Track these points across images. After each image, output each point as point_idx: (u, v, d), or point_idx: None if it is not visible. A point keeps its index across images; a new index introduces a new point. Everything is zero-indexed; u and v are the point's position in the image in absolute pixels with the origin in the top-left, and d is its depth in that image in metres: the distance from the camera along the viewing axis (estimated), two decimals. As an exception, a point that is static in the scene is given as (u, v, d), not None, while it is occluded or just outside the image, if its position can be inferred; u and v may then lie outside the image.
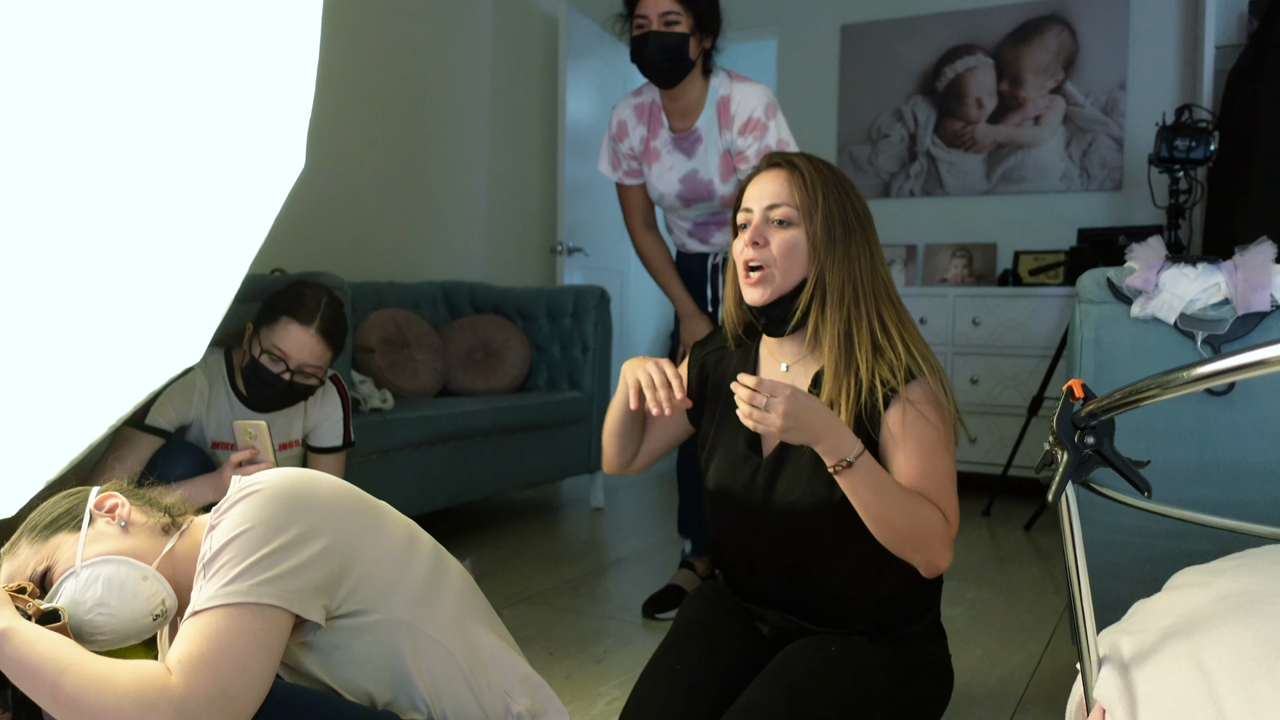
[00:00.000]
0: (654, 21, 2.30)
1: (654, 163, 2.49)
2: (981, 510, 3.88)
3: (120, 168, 1.64)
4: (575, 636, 2.33)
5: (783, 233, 1.50)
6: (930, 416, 1.45)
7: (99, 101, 1.65)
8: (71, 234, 1.62)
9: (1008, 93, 4.49)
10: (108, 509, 1.17)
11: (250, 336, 2.07)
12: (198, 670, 0.94)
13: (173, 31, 1.62)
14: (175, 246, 1.67)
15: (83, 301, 1.64)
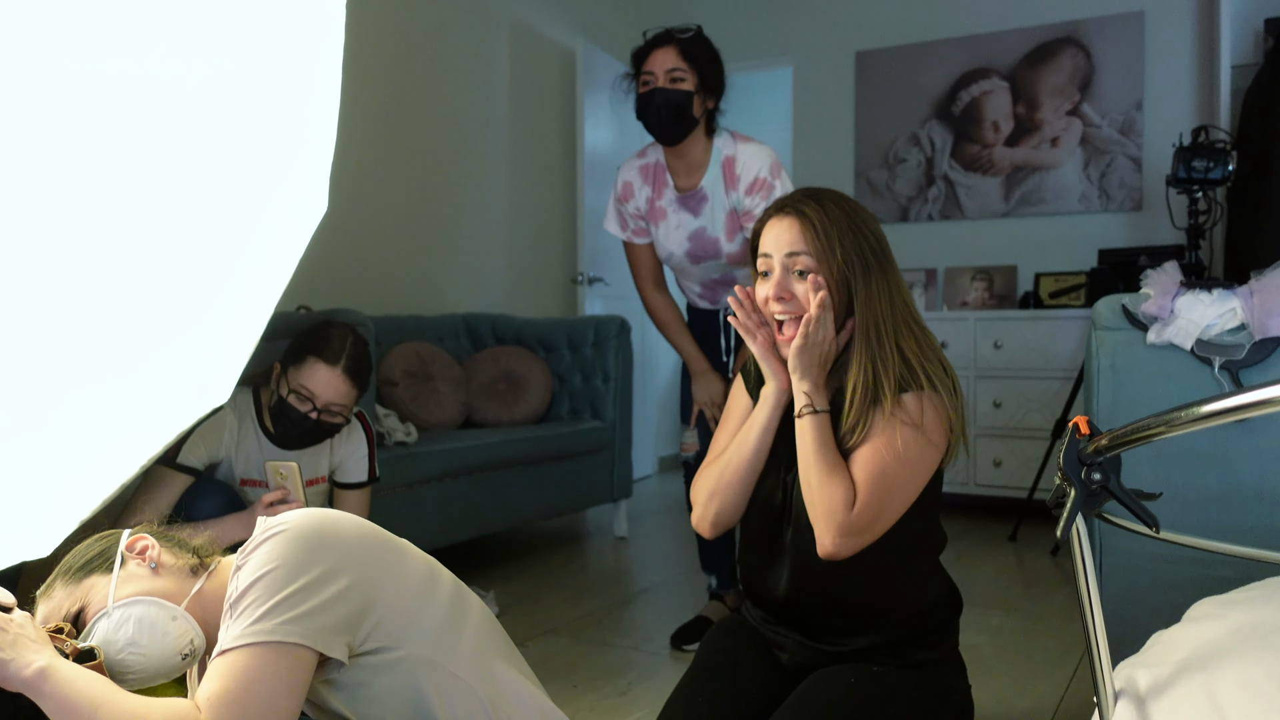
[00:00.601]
0: (660, 78, 2.34)
1: (661, 221, 2.50)
2: (1007, 535, 3.85)
3: (151, 213, 1.69)
4: (600, 669, 2.34)
5: (805, 282, 1.51)
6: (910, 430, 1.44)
7: (129, 148, 1.70)
8: (102, 278, 1.67)
9: (1024, 115, 4.50)
10: (138, 551, 1.20)
11: (278, 376, 2.12)
12: (226, 707, 0.97)
13: (200, 78, 1.67)
14: (204, 289, 1.71)
15: (113, 344, 1.68)
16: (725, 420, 1.72)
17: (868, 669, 1.52)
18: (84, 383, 1.66)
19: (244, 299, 1.75)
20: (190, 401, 1.75)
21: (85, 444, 1.66)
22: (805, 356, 1.50)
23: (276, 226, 1.75)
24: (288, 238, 1.74)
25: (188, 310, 1.73)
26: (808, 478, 1.47)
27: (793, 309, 1.52)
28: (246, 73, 1.73)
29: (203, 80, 1.71)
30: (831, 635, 1.59)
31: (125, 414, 1.70)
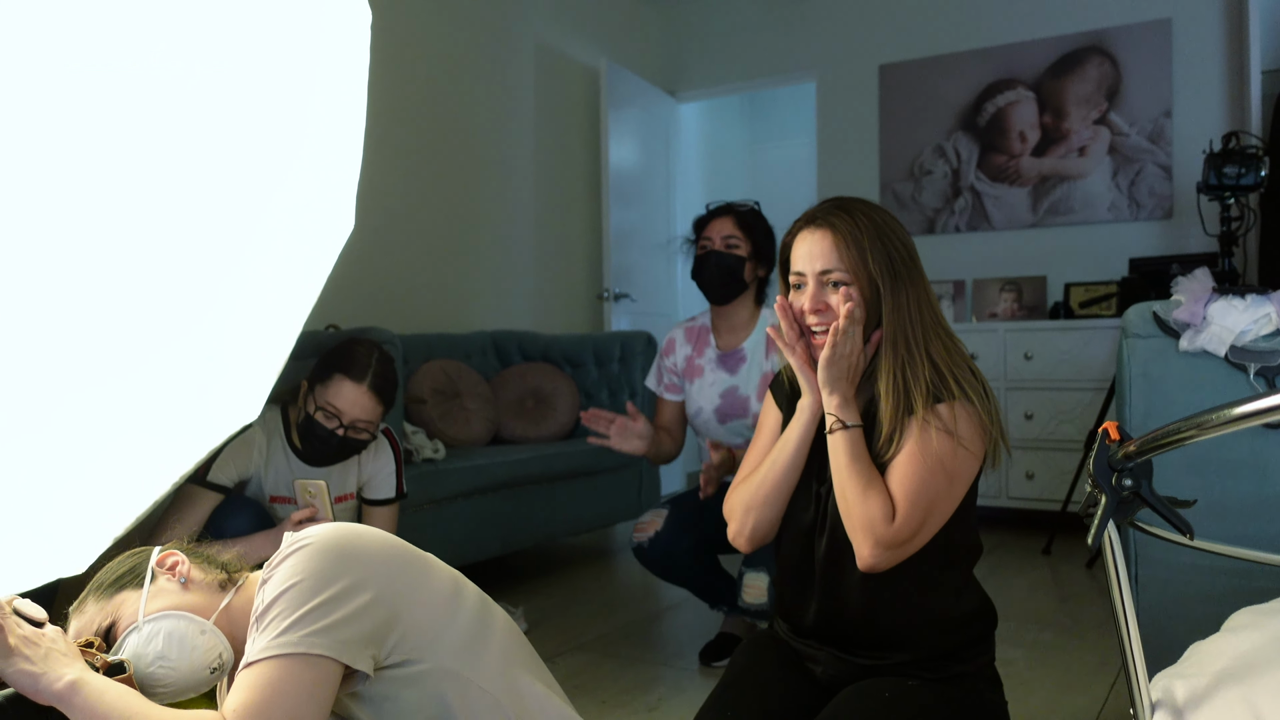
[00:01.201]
0: (716, 242, 2.48)
1: (696, 378, 2.58)
2: (1041, 549, 3.80)
3: (179, 233, 1.71)
4: (628, 684, 2.33)
5: (839, 294, 1.52)
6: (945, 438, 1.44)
7: (152, 168, 1.73)
8: (131, 299, 1.70)
9: (1051, 125, 4.47)
10: (168, 566, 1.21)
11: (305, 394, 2.13)
12: (252, 718, 0.97)
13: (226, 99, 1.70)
14: (233, 307, 1.73)
15: (142, 363, 1.70)
16: (758, 435, 1.72)
17: (902, 682, 1.50)
18: (114, 403, 1.68)
19: (272, 317, 1.76)
20: (220, 419, 1.77)
21: (117, 463, 1.68)
22: (834, 369, 1.49)
23: (304, 245, 1.77)
24: (315, 256, 1.76)
25: (216, 329, 1.75)
26: (843, 493, 1.45)
27: (828, 320, 1.52)
28: (272, 92, 1.75)
29: (228, 101, 1.73)
30: (865, 649, 1.57)
31: (156, 433, 1.72)
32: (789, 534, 1.62)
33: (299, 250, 1.85)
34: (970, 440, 1.46)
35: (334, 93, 1.87)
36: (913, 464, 1.44)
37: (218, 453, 2.07)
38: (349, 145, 1.88)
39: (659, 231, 5.26)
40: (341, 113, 1.88)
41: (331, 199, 1.90)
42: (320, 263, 1.87)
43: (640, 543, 2.44)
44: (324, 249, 1.88)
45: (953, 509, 1.47)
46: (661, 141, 5.33)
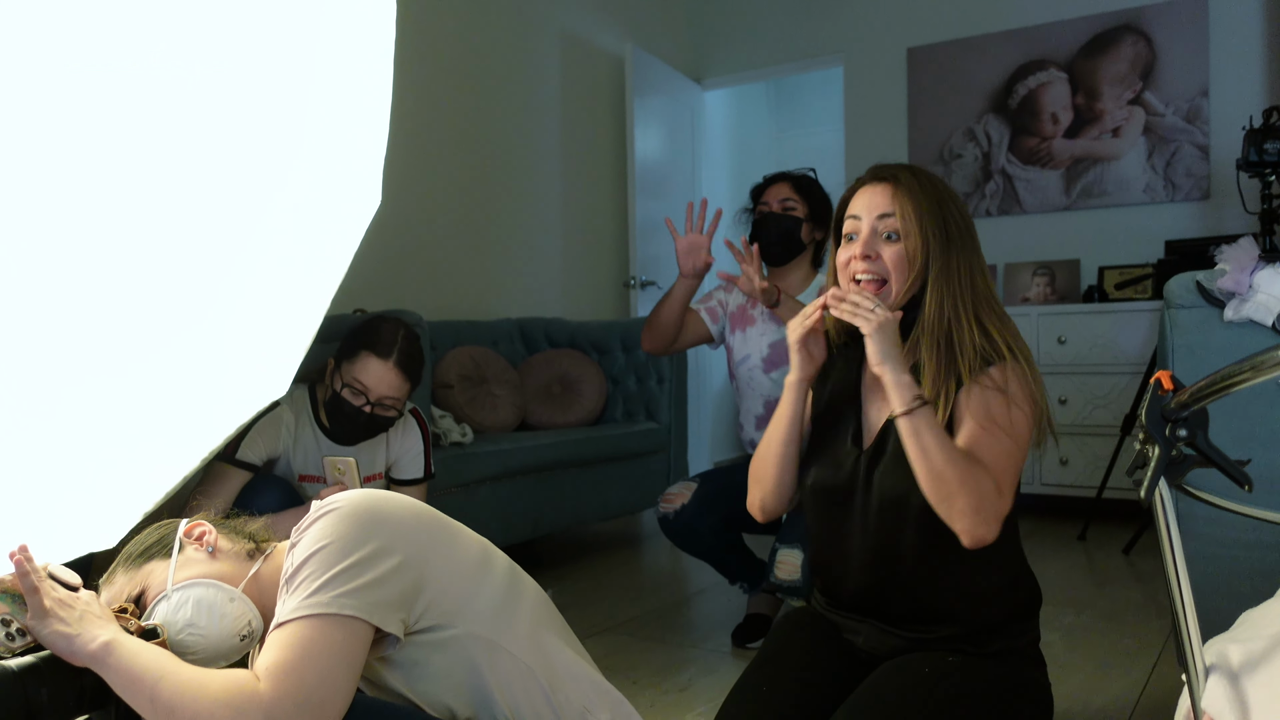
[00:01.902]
0: (774, 205, 2.53)
1: (748, 327, 2.59)
2: (1077, 535, 3.74)
3: (206, 208, 1.71)
4: (659, 665, 2.31)
5: (893, 246, 1.52)
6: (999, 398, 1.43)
7: (180, 143, 1.73)
8: (160, 275, 1.69)
9: (1084, 106, 4.39)
10: (196, 536, 1.21)
11: (332, 371, 2.13)
12: (284, 677, 0.96)
13: (251, 72, 1.69)
14: (261, 283, 1.73)
15: (170, 339, 1.70)
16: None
17: (943, 658, 1.47)
18: (145, 381, 1.68)
19: (300, 292, 1.76)
20: (249, 395, 1.76)
21: (148, 439, 1.68)
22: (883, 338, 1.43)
23: (332, 220, 1.76)
24: (342, 231, 1.76)
25: (246, 305, 1.74)
26: (942, 475, 1.38)
27: (877, 269, 1.52)
28: (299, 71, 1.74)
29: (257, 80, 1.73)
30: (908, 622, 1.54)
31: (186, 409, 1.72)
32: (815, 500, 1.60)
33: (326, 225, 1.84)
34: (1021, 400, 1.45)
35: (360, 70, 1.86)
36: (993, 434, 1.41)
37: (246, 430, 2.07)
38: (375, 122, 1.87)
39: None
40: (367, 90, 1.87)
41: (358, 175, 1.89)
42: (348, 238, 1.86)
43: (666, 514, 2.43)
44: (351, 224, 1.88)
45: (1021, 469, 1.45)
46: (687, 130, 5.29)
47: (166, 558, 1.18)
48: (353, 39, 1.79)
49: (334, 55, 1.79)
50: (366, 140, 1.82)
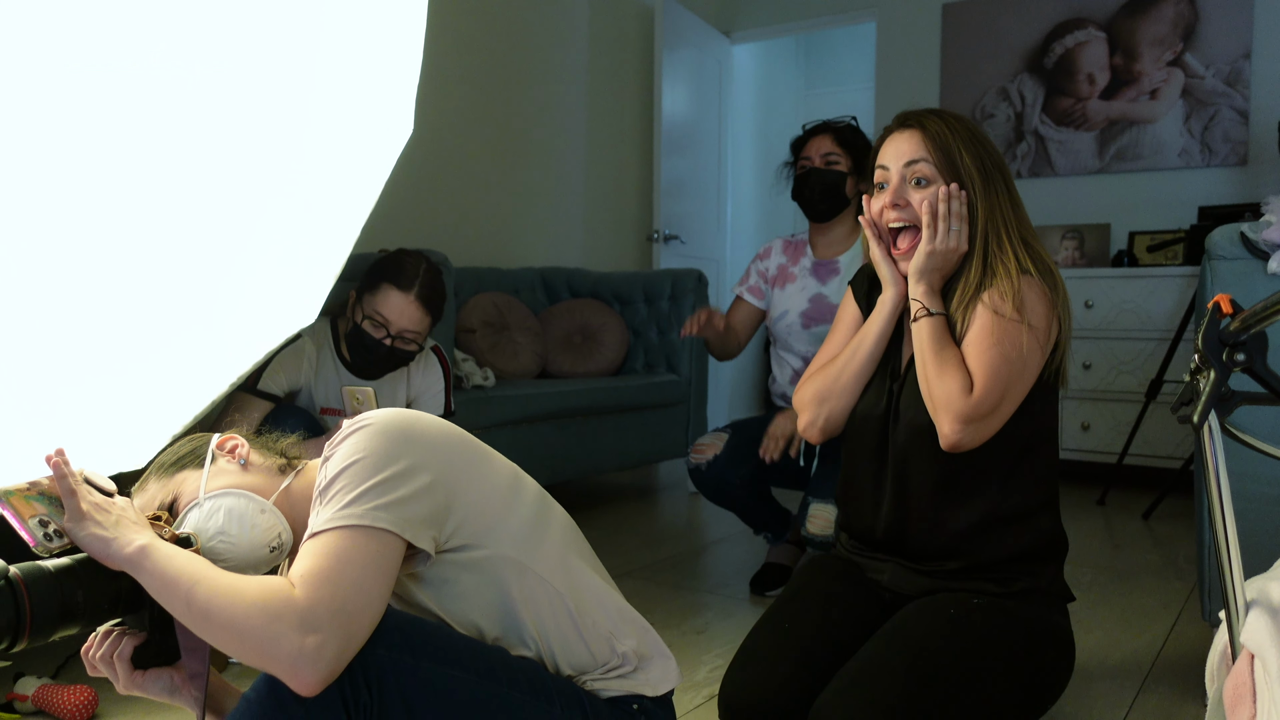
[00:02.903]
0: (816, 160, 2.45)
1: (787, 284, 2.55)
2: (1096, 500, 3.72)
3: (239, 131, 1.70)
4: (677, 609, 2.31)
5: (922, 192, 1.51)
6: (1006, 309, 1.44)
7: (215, 67, 1.71)
8: (189, 201, 1.69)
9: (1121, 67, 4.31)
10: (229, 449, 1.21)
11: (353, 304, 2.12)
12: (319, 584, 0.96)
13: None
14: (291, 209, 1.72)
15: (200, 266, 1.70)
16: (834, 329, 1.72)
17: (968, 601, 1.47)
18: (173, 306, 1.68)
19: (331, 219, 1.75)
20: (277, 323, 1.76)
21: (176, 363, 1.68)
22: (931, 261, 1.50)
23: (363, 147, 1.74)
24: (374, 158, 1.74)
25: (274, 229, 1.73)
26: (924, 374, 1.46)
27: (908, 217, 1.52)
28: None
29: (296, 5, 1.71)
30: (931, 559, 1.53)
31: (214, 334, 1.72)
32: (859, 430, 1.60)
33: (359, 151, 1.83)
34: (1035, 315, 1.44)
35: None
36: (984, 339, 1.44)
37: (268, 362, 2.07)
38: (409, 49, 1.84)
39: (710, 175, 5.18)
40: (402, 16, 1.84)
41: (392, 102, 1.87)
42: (380, 165, 1.84)
43: (698, 464, 2.41)
44: (383, 150, 1.86)
45: (1028, 386, 1.46)
46: (714, 84, 5.22)
47: (199, 468, 1.18)
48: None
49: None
50: (400, 67, 1.79)
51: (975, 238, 1.50)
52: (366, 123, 1.75)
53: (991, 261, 1.49)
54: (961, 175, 1.50)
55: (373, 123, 1.75)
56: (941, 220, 1.48)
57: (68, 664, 1.85)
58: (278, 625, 0.92)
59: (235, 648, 0.95)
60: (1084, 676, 1.87)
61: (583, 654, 1.17)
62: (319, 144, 1.71)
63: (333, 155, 1.72)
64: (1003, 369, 1.42)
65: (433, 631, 1.06)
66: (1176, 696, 1.79)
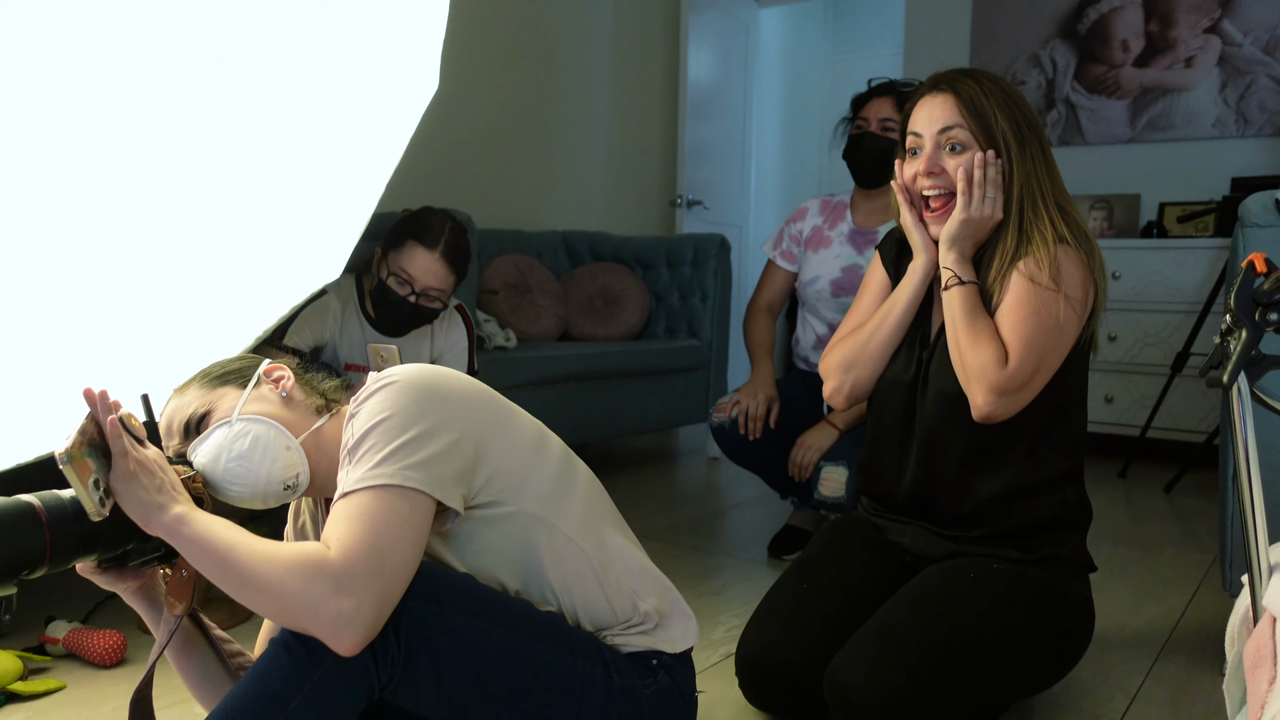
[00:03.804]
0: (872, 124, 2.38)
1: (821, 249, 2.51)
2: (1117, 473, 3.70)
3: (262, 88, 1.70)
4: (695, 570, 2.33)
5: (957, 158, 1.48)
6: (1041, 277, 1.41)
7: (244, 21, 1.71)
8: (212, 158, 1.69)
9: (1157, 33, 4.22)
10: (274, 378, 1.21)
11: (378, 261, 2.13)
12: (355, 546, 0.96)
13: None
14: (319, 162, 1.72)
15: (228, 218, 1.71)
16: (861, 294, 1.70)
17: (989, 565, 1.47)
18: (200, 260, 1.70)
19: (355, 175, 1.75)
20: (302, 279, 1.77)
21: (203, 316, 1.70)
22: (964, 229, 1.48)
23: (387, 103, 1.74)
24: (398, 114, 1.74)
25: (300, 185, 1.74)
26: (957, 343, 1.44)
27: (942, 184, 1.50)
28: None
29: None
30: (955, 524, 1.53)
31: (241, 287, 1.73)
32: (886, 397, 1.60)
33: (384, 107, 1.82)
34: (1072, 284, 1.42)
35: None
36: (1020, 308, 1.41)
37: (293, 317, 2.09)
38: (434, 6, 1.83)
39: (735, 141, 5.14)
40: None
41: (417, 59, 1.87)
42: (405, 121, 1.84)
43: (720, 422, 2.41)
44: (408, 107, 1.85)
45: (1063, 357, 1.43)
46: (740, 49, 5.16)
47: (241, 388, 1.18)
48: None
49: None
50: (425, 24, 1.79)
51: (1010, 204, 1.47)
52: (391, 79, 1.75)
53: (1027, 229, 1.46)
54: (997, 140, 1.47)
55: (397, 79, 1.75)
56: (977, 187, 1.46)
57: (97, 609, 1.89)
58: (315, 590, 0.93)
59: (275, 612, 0.95)
60: (1102, 644, 1.87)
61: (605, 610, 1.19)
62: (345, 100, 1.71)
63: (358, 111, 1.72)
64: (1039, 339, 1.40)
65: (459, 584, 1.07)
66: (1194, 665, 1.79)
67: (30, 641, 1.76)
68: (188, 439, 1.16)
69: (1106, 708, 1.60)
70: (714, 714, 1.54)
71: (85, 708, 1.52)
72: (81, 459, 0.95)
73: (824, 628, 1.46)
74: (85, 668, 1.68)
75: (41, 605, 1.87)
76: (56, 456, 0.94)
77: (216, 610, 1.88)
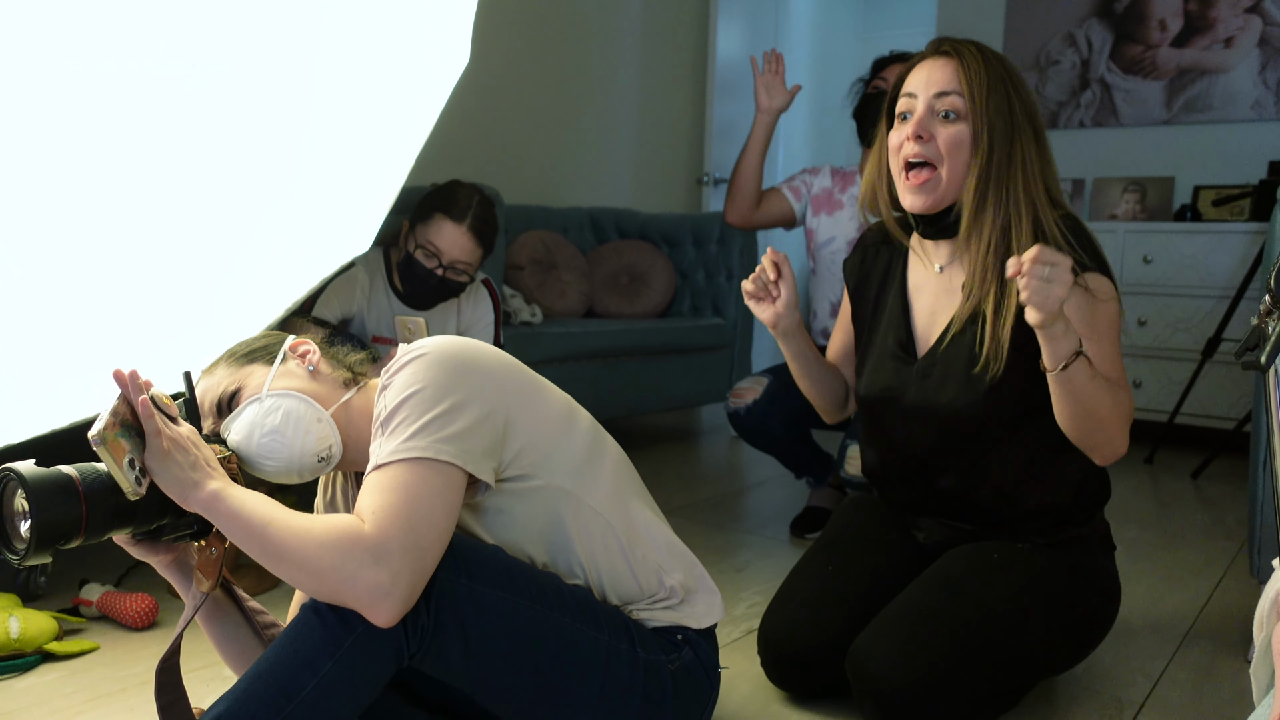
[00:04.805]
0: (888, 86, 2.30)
1: (835, 211, 2.53)
2: (1144, 458, 3.67)
3: (295, 56, 1.70)
4: (716, 547, 2.34)
5: (950, 127, 1.39)
6: (1106, 304, 1.37)
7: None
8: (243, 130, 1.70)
9: (1195, 13, 4.15)
10: (300, 353, 1.22)
11: (406, 233, 2.14)
12: (390, 518, 0.97)
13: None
14: (351, 135, 1.73)
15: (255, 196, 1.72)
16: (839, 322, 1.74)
17: (1013, 546, 1.46)
18: (231, 231, 1.71)
19: (386, 147, 1.76)
20: (331, 251, 1.78)
21: (235, 290, 1.71)
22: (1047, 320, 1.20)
23: (419, 75, 1.75)
24: (430, 86, 1.74)
25: (331, 157, 1.75)
26: (1095, 412, 1.29)
27: (929, 153, 1.39)
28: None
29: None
30: (973, 520, 1.52)
31: (271, 258, 1.74)
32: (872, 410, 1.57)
33: (415, 78, 1.82)
34: (1107, 297, 1.39)
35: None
36: (1103, 344, 1.36)
37: (322, 289, 2.10)
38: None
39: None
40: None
41: (448, 33, 1.86)
42: (436, 93, 1.84)
43: (736, 409, 2.41)
44: (440, 79, 1.86)
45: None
46: (770, 28, 5.11)
47: (269, 364, 1.18)
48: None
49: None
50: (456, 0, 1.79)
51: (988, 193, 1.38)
52: (423, 52, 1.75)
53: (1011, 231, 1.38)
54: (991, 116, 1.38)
55: (429, 52, 1.75)
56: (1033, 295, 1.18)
57: (129, 573, 1.93)
58: (351, 562, 0.94)
59: (312, 586, 0.96)
60: (1125, 629, 1.86)
61: (631, 585, 1.19)
62: (377, 71, 1.72)
63: (390, 84, 1.72)
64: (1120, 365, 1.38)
65: (489, 556, 1.08)
66: (1219, 650, 1.78)
67: (65, 603, 1.79)
68: (220, 418, 1.17)
69: (1129, 691, 1.59)
70: (735, 689, 1.55)
71: (118, 668, 1.56)
72: (115, 440, 0.96)
73: (846, 609, 1.46)
74: (118, 629, 1.71)
75: (76, 568, 1.91)
76: (90, 439, 0.95)
77: (245, 577, 1.91)
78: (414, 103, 1.67)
